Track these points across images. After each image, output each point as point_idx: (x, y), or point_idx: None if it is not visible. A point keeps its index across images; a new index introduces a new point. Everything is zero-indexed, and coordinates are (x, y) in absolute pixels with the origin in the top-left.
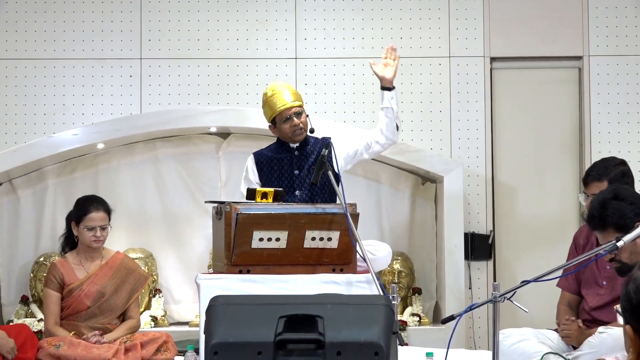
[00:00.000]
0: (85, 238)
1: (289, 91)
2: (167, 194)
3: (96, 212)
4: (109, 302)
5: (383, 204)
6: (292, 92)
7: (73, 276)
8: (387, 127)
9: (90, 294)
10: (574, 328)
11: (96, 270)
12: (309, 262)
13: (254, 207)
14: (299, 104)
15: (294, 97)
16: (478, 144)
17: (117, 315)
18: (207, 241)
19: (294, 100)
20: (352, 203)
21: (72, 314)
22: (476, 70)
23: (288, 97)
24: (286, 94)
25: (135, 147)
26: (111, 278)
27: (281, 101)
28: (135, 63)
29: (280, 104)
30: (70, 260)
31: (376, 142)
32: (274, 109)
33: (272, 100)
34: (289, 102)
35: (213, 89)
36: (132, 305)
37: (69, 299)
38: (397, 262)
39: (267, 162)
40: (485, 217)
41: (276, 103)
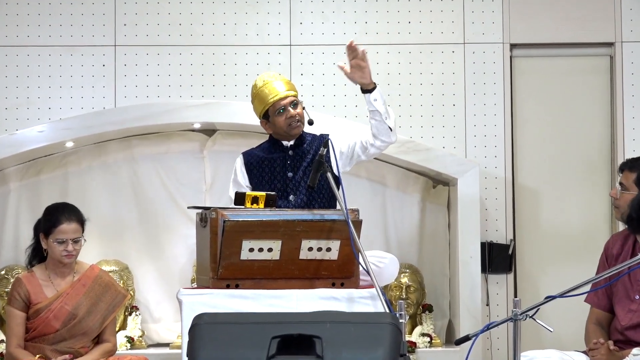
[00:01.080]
0: (56, 252)
1: (281, 81)
2: (144, 198)
3: (68, 224)
4: (81, 324)
5: (389, 209)
6: (285, 82)
7: (41, 294)
8: (378, 131)
9: (60, 315)
10: (604, 352)
11: (67, 288)
12: (305, 275)
13: (243, 214)
14: (293, 94)
15: (288, 87)
16: (496, 141)
17: (91, 339)
18: (190, 252)
19: (287, 89)
20: (354, 208)
21: (38, 336)
22: (494, 59)
23: (280, 86)
24: (278, 84)
25: (109, 146)
26: (85, 297)
27: (273, 91)
28: (109, 51)
29: (272, 95)
30: (38, 275)
31: (371, 144)
32: (265, 101)
33: (263, 92)
34: (282, 91)
35: (197, 80)
36: (108, 327)
37: (36, 320)
38: (405, 275)
39: (258, 163)
40: (505, 225)
41: (268, 94)
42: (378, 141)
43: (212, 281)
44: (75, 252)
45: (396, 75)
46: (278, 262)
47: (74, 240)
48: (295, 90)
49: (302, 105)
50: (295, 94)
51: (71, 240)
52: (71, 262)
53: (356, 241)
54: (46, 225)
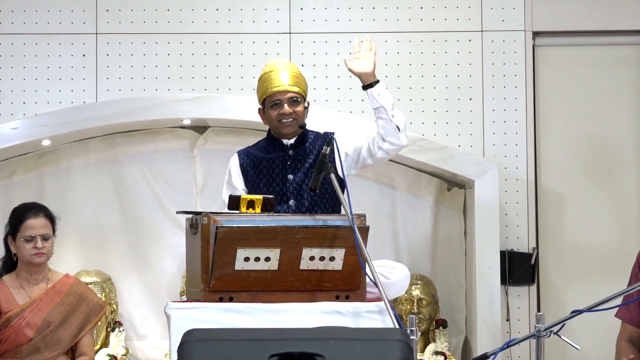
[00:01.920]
0: (25, 252)
1: (289, 73)
2: (129, 202)
3: (34, 219)
4: (56, 333)
5: (399, 214)
6: (294, 75)
7: (12, 301)
8: (385, 131)
9: (34, 323)
10: None
11: (41, 295)
12: (306, 287)
13: (237, 219)
14: (297, 90)
15: (293, 81)
16: (518, 139)
17: (65, 350)
18: (180, 262)
19: (291, 83)
20: (361, 213)
21: (10, 349)
22: (515, 48)
23: (285, 78)
24: (284, 75)
25: (90, 144)
26: (59, 305)
27: (275, 82)
28: (90, 39)
29: (272, 85)
30: (8, 282)
31: (379, 147)
32: (263, 89)
33: (266, 79)
34: (285, 84)
35: (187, 72)
36: (85, 339)
37: (7, 330)
38: (416, 287)
39: (254, 164)
40: (527, 232)
41: (269, 83)
42: (386, 144)
43: (204, 294)
44: (46, 251)
45: (407, 67)
46: (276, 272)
47: (43, 237)
48: (301, 87)
49: (305, 106)
50: (300, 90)
51: (40, 237)
52: (42, 261)
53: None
54: (12, 224)
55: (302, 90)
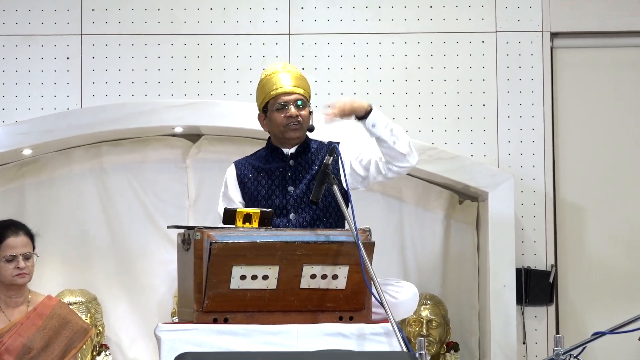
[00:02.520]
0: (6, 273)
1: (291, 75)
2: (116, 216)
3: (15, 237)
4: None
5: (407, 229)
6: (296, 77)
7: None
8: (390, 157)
9: (14, 348)
10: None
11: (22, 318)
12: (307, 307)
13: (233, 234)
14: (302, 93)
15: (297, 82)
16: (535, 148)
17: None
18: (171, 280)
19: (295, 85)
20: (366, 228)
21: None
22: (532, 50)
23: (288, 80)
24: (285, 77)
25: (74, 154)
26: (41, 329)
27: (277, 83)
28: (74, 41)
29: (275, 87)
30: None
31: (388, 168)
32: (265, 92)
33: (267, 82)
34: (288, 86)
35: (179, 76)
36: None
37: None
38: (425, 307)
39: (253, 175)
40: (545, 248)
41: (271, 85)
42: (394, 167)
43: (197, 315)
44: (28, 271)
45: (415, 70)
46: (275, 291)
47: (25, 256)
48: (306, 89)
49: (311, 110)
50: (305, 93)
51: (22, 256)
52: (25, 282)
53: (368, 267)
54: None
55: (307, 94)
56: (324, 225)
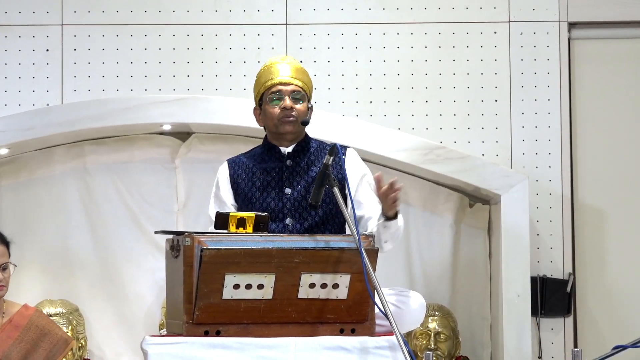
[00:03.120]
0: None
1: (291, 66)
2: (100, 220)
3: None
4: None
5: (413, 234)
6: (296, 68)
7: None
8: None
9: None
10: None
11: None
12: (305, 319)
13: (225, 240)
14: (300, 84)
15: (295, 74)
16: (551, 147)
17: None
18: (159, 289)
19: (293, 76)
20: (369, 233)
21: None
22: (548, 42)
23: (286, 70)
24: (284, 67)
25: (55, 153)
26: (17, 342)
27: (274, 73)
28: (54, 31)
29: (273, 76)
30: None
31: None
32: (261, 83)
33: (264, 72)
34: (285, 76)
35: (167, 69)
36: None
37: None
38: (433, 319)
39: (247, 175)
40: (562, 255)
41: (269, 74)
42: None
43: (187, 327)
44: (5, 282)
45: (422, 63)
46: (271, 302)
47: (2, 267)
48: (305, 82)
49: (309, 105)
50: (303, 86)
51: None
52: (2, 295)
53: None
54: None
55: (307, 87)
56: (324, 231)
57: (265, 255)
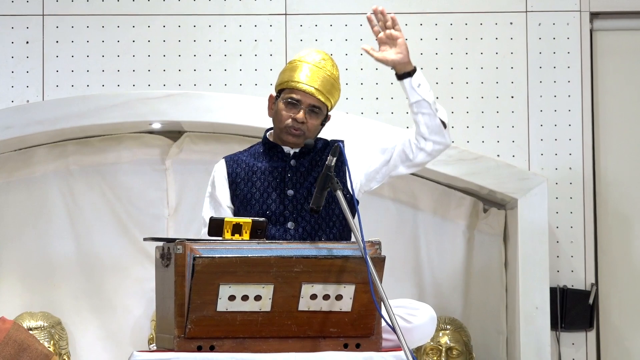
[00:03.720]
0: None
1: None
2: (84, 226)
3: None
4: None
5: (423, 241)
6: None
7: None
8: (429, 129)
9: None
10: None
11: None
12: (307, 333)
13: (220, 248)
14: (322, 99)
15: (322, 86)
16: (571, 148)
17: None
18: (148, 301)
19: (319, 87)
20: (375, 241)
21: None
22: (568, 33)
23: (314, 79)
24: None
25: (36, 154)
26: None
27: (302, 76)
28: (35, 22)
29: (299, 79)
30: None
31: (419, 148)
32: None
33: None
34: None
35: (157, 63)
36: None
37: None
38: (445, 333)
39: (246, 174)
40: (584, 264)
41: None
42: (429, 143)
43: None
44: None
45: (432, 57)
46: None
47: None
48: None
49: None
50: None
51: None
52: None
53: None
54: None
55: (330, 104)
56: (327, 237)
57: (263, 264)
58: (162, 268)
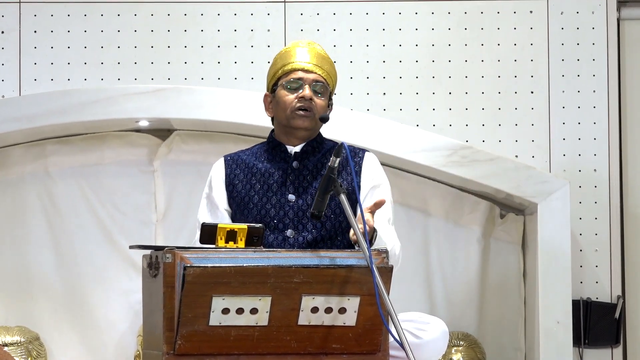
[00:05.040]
0: None
1: (316, 52)
2: (64, 233)
3: None
4: None
5: (434, 249)
6: (320, 56)
7: None
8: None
9: None
10: None
11: None
12: (307, 349)
13: (213, 256)
14: (324, 75)
15: (319, 61)
16: (596, 148)
17: None
18: (134, 315)
19: (317, 64)
20: (382, 249)
21: None
22: (593, 23)
23: (310, 56)
24: (308, 53)
25: (11, 154)
26: None
27: (296, 57)
28: (10, 10)
29: (294, 59)
30: None
31: None
32: (280, 65)
33: (283, 55)
34: (306, 62)
35: (144, 55)
36: None
37: None
38: (457, 349)
39: (245, 175)
40: (610, 274)
41: (287, 58)
42: None
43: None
44: None
45: (444, 48)
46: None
47: None
48: (329, 73)
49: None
50: (327, 77)
51: None
52: None
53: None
54: None
55: (331, 80)
56: (329, 246)
57: (260, 274)
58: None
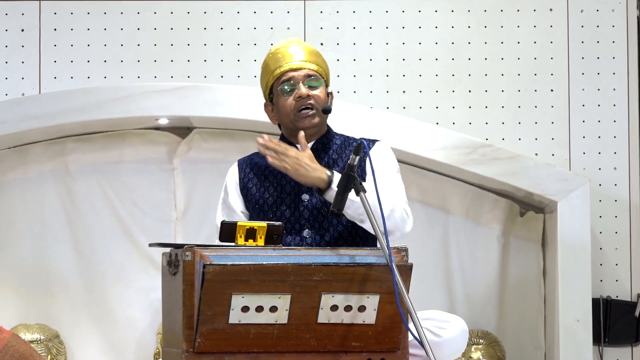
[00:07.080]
0: None
1: (302, 48)
2: (84, 231)
3: None
4: None
5: (453, 248)
6: (309, 50)
7: None
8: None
9: None
10: None
11: None
12: (327, 347)
13: (233, 255)
14: (313, 68)
15: (309, 56)
16: (616, 146)
17: None
18: (154, 312)
19: (306, 59)
20: (401, 247)
21: None
22: (614, 21)
23: (297, 53)
24: (295, 50)
25: (32, 152)
26: None
27: (283, 59)
28: (31, 8)
29: (280, 63)
30: None
31: None
32: (271, 71)
33: (271, 60)
34: (296, 60)
35: (163, 54)
36: None
37: None
38: (477, 348)
39: (258, 178)
40: (630, 273)
41: (276, 62)
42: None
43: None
44: None
45: (464, 46)
46: (286, 327)
47: None
48: (320, 65)
49: (328, 90)
50: (319, 69)
51: None
52: None
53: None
54: None
55: (323, 70)
56: (348, 244)
57: (279, 272)
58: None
